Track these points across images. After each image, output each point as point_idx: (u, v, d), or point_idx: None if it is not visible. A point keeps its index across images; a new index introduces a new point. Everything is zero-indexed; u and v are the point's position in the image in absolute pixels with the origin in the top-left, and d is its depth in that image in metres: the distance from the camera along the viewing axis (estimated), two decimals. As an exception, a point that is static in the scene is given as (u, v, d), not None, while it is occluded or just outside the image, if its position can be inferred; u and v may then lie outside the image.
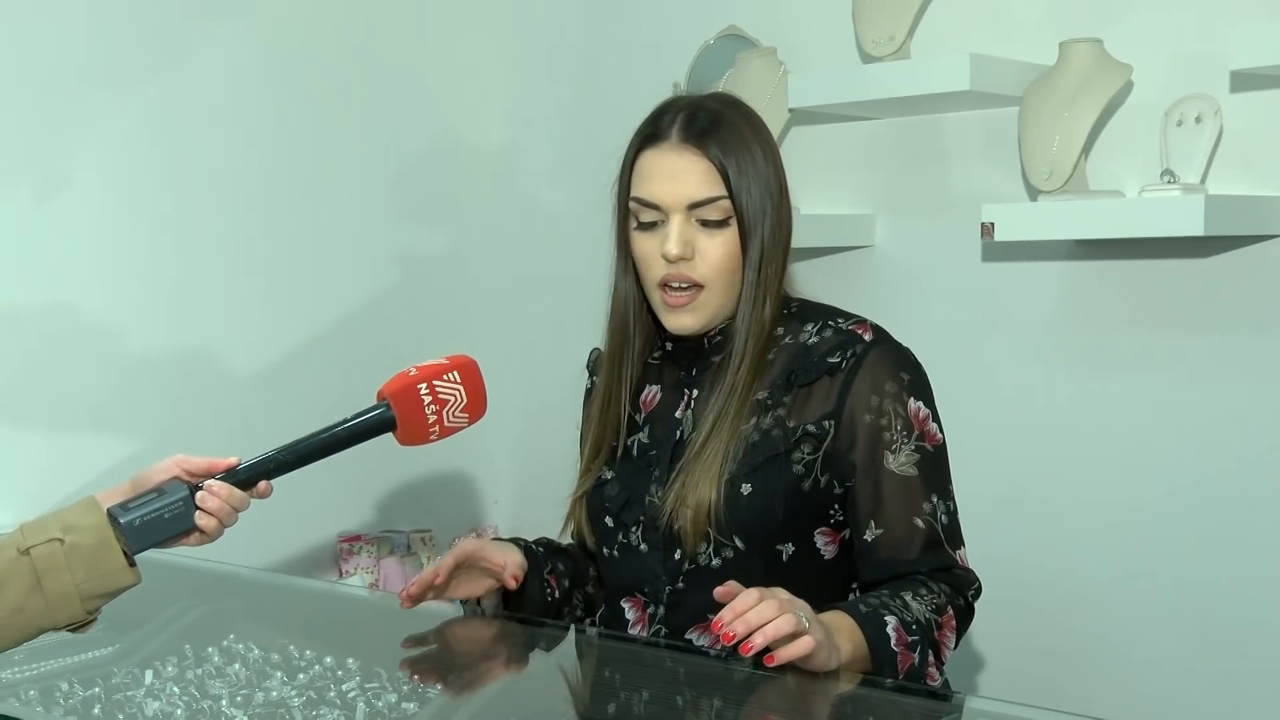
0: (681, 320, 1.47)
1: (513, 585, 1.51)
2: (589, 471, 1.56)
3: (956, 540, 1.46)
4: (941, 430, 1.46)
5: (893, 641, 1.33)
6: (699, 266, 1.45)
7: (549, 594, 1.57)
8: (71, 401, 2.21)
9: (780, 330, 1.49)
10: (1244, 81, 1.87)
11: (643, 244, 1.47)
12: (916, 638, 1.35)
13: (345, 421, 1.29)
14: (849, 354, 1.43)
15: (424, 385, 1.30)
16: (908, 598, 1.38)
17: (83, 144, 2.22)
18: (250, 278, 2.42)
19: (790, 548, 1.44)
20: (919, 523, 1.42)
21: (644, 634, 1.49)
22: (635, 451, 1.54)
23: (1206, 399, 1.93)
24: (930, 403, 1.46)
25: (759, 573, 1.39)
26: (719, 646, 1.30)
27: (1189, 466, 1.95)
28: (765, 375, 1.46)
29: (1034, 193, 2.00)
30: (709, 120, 1.46)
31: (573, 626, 1.59)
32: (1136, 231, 1.85)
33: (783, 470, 1.43)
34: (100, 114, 2.24)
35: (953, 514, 1.46)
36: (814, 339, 1.47)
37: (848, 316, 1.50)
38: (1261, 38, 1.73)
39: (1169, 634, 1.97)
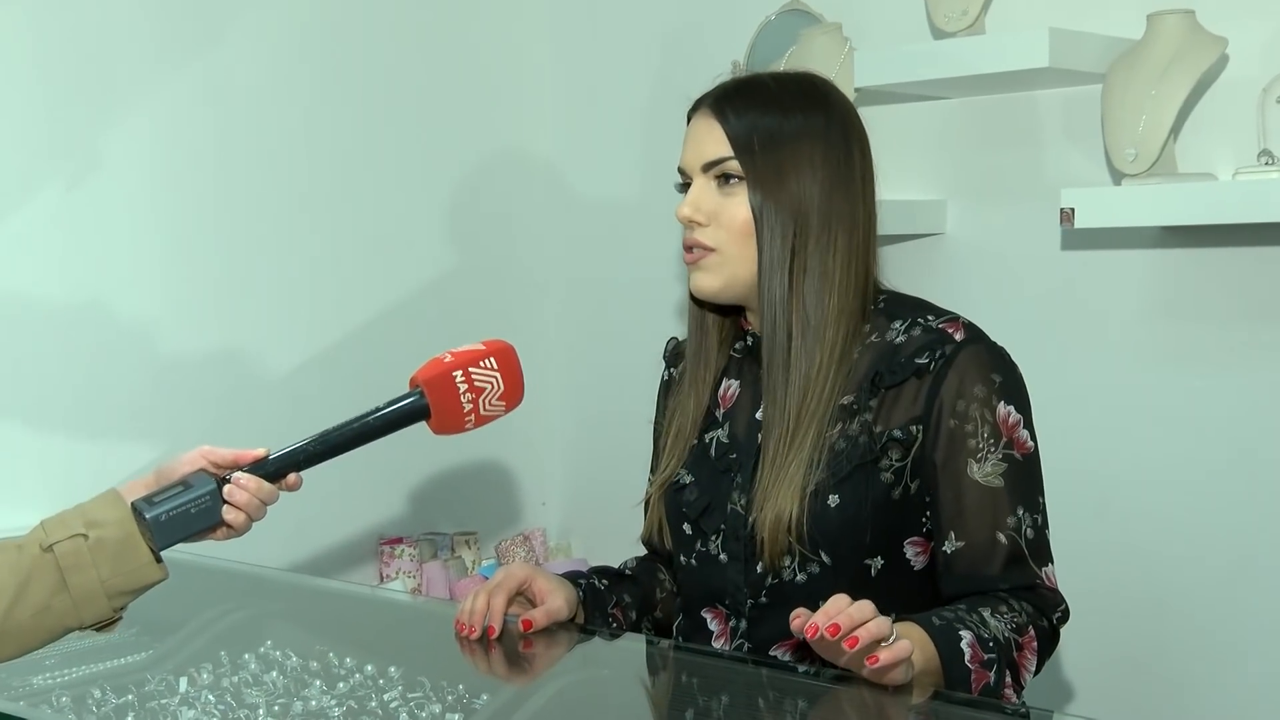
0: (697, 281, 1.50)
1: (526, 629, 1.49)
2: (665, 469, 1.57)
3: (1043, 557, 1.43)
4: (1034, 438, 1.44)
5: (967, 658, 1.31)
6: (712, 231, 1.48)
7: (614, 628, 1.58)
8: (103, 401, 2.25)
9: (867, 327, 1.47)
10: None
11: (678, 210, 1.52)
12: (993, 655, 1.33)
13: (377, 410, 1.30)
14: (938, 354, 1.42)
15: (459, 372, 1.30)
16: (986, 614, 1.36)
17: (116, 130, 2.25)
18: (288, 273, 2.44)
19: (879, 561, 1.43)
20: (1001, 537, 1.40)
21: (727, 648, 1.49)
22: (714, 451, 1.53)
23: None
24: (1024, 407, 1.44)
25: (845, 589, 1.36)
26: (799, 650, 1.35)
27: None
28: (852, 377, 1.44)
29: (1118, 176, 1.98)
30: (736, 86, 1.50)
31: (636, 636, 1.58)
32: (1231, 217, 1.83)
33: (871, 479, 1.41)
34: (135, 98, 2.27)
35: (1040, 529, 1.43)
36: (901, 337, 1.45)
37: (939, 313, 1.48)
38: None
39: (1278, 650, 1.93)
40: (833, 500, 1.42)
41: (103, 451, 2.22)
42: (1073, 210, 1.94)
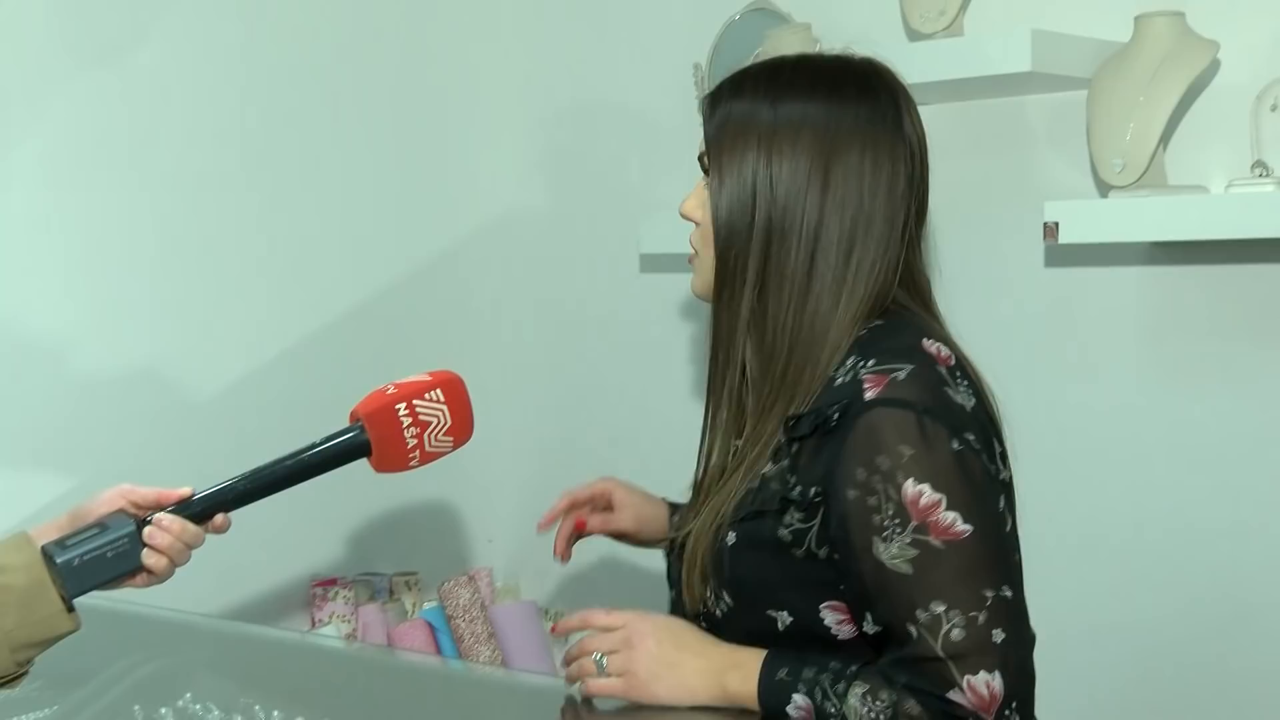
0: (692, 283, 1.51)
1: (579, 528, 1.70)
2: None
3: (973, 662, 1.27)
4: (977, 518, 1.29)
5: None
6: (697, 231, 1.49)
7: None
8: (6, 427, 2.19)
9: (839, 357, 1.38)
10: None
11: None
12: None
13: (314, 446, 1.28)
14: (844, 413, 1.32)
15: (403, 405, 1.29)
16: (858, 689, 1.30)
17: (17, 134, 2.20)
18: (215, 287, 2.40)
19: (786, 617, 1.38)
20: (913, 630, 1.29)
21: None
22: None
23: None
24: (950, 486, 1.29)
25: (757, 639, 1.37)
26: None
27: None
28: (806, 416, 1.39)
29: (1105, 188, 1.98)
30: (746, 70, 1.48)
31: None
32: (1223, 232, 1.83)
33: (767, 530, 1.37)
34: (40, 101, 2.22)
35: (979, 628, 1.27)
36: (842, 379, 1.36)
37: (889, 357, 1.35)
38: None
39: None
40: (730, 538, 1.40)
41: (8, 483, 2.17)
42: (1057, 224, 1.94)
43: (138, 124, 2.31)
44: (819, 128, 1.40)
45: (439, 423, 1.30)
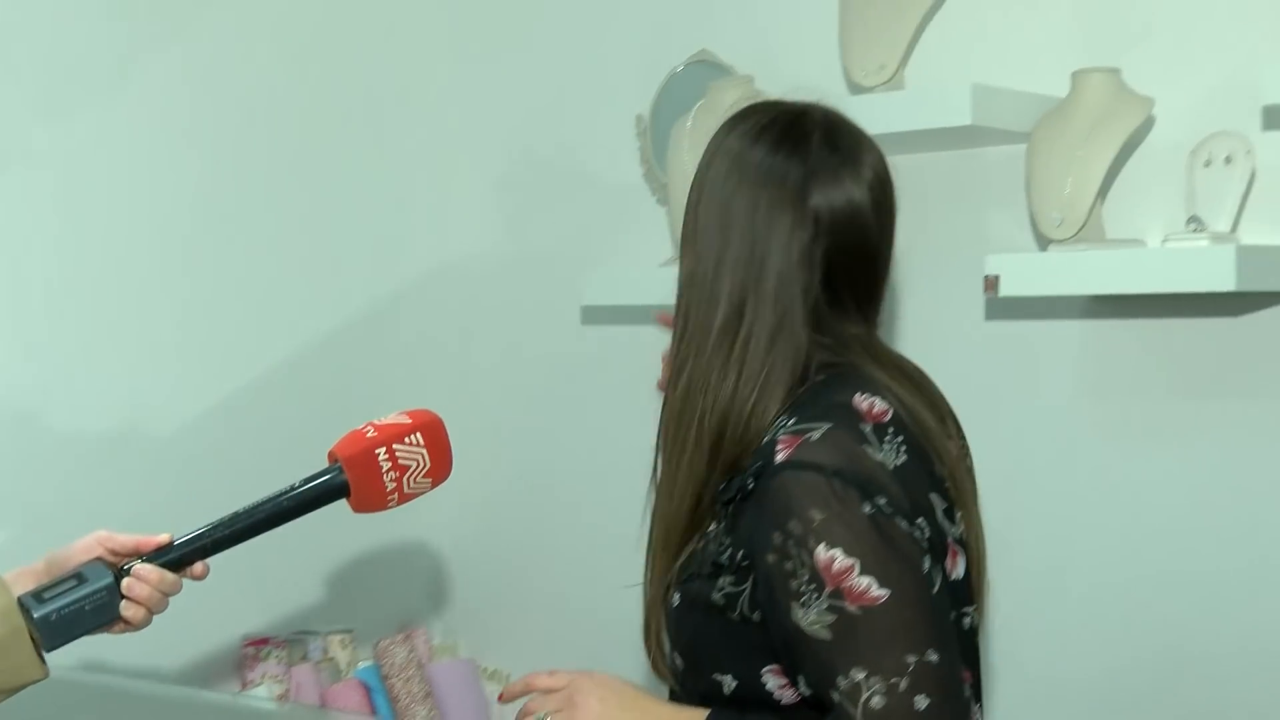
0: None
1: None
2: None
3: None
4: (895, 582, 1.26)
5: None
6: None
7: None
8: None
9: (773, 416, 1.35)
10: (1277, 119, 1.87)
11: None
12: None
13: (293, 488, 1.28)
14: (758, 476, 1.30)
15: (383, 449, 1.29)
16: None
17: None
18: (174, 319, 2.40)
19: (731, 681, 1.36)
20: (835, 697, 1.27)
21: None
22: None
23: (1243, 473, 1.92)
24: (861, 549, 1.26)
25: (709, 702, 1.36)
26: None
27: (1231, 549, 1.93)
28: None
29: (1044, 242, 2.00)
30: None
31: None
32: (1160, 286, 1.84)
33: (704, 591, 1.36)
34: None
35: (899, 695, 1.24)
36: (770, 437, 1.33)
37: (810, 416, 1.32)
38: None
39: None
40: (675, 598, 1.39)
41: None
42: (997, 278, 1.95)
43: (98, 166, 2.30)
44: (732, 169, 1.39)
45: (418, 465, 1.31)
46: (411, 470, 1.30)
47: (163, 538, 1.25)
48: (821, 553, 1.26)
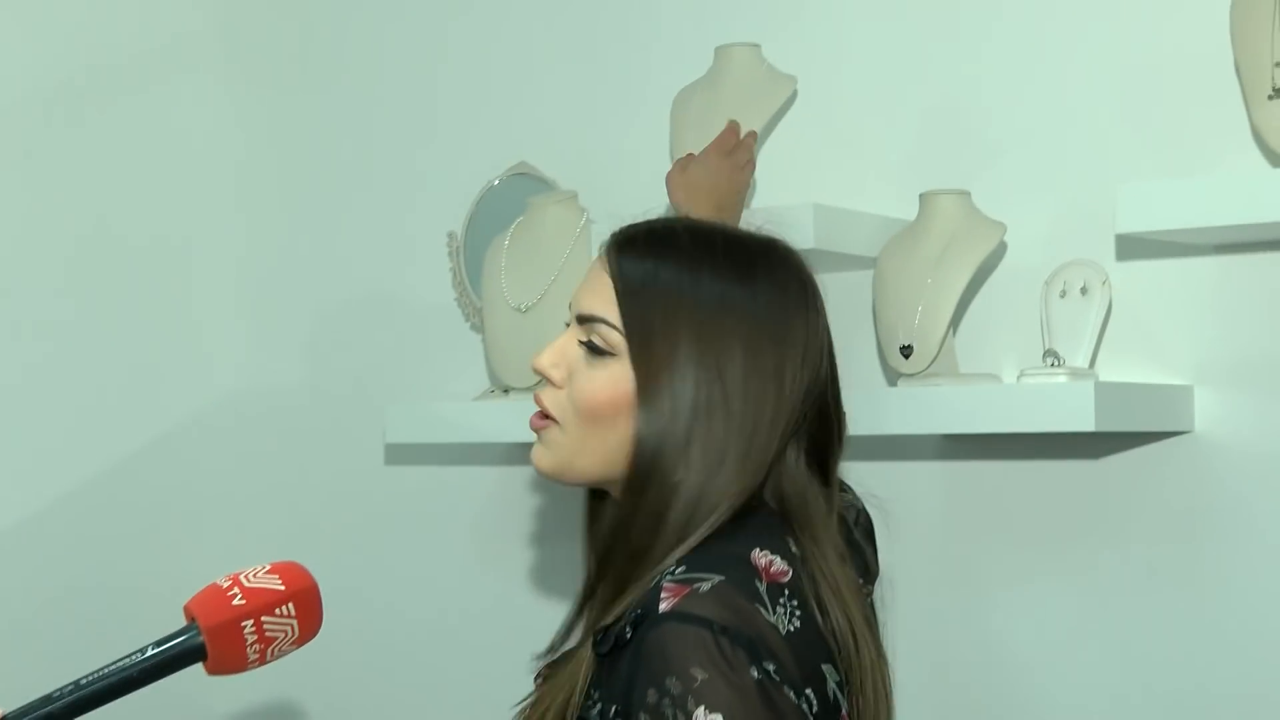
0: (534, 453, 1.36)
1: None
2: None
3: None
4: None
5: None
6: (561, 397, 1.33)
7: None
8: None
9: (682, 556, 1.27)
10: (1133, 248, 1.86)
11: None
12: None
13: (142, 652, 1.19)
14: (636, 625, 1.22)
15: (249, 621, 1.21)
16: None
17: None
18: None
19: None
20: None
21: None
22: None
23: (1102, 623, 1.89)
24: (745, 717, 1.18)
25: None
26: None
27: (1095, 693, 1.89)
28: None
29: (893, 376, 1.94)
30: (646, 230, 1.35)
31: None
32: (1016, 425, 1.80)
33: None
34: None
35: None
36: (656, 581, 1.24)
37: (704, 564, 1.25)
38: (1149, 197, 1.71)
39: None
40: None
41: None
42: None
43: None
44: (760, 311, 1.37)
45: (287, 636, 1.22)
46: (279, 641, 1.22)
47: None
48: (701, 717, 1.17)
